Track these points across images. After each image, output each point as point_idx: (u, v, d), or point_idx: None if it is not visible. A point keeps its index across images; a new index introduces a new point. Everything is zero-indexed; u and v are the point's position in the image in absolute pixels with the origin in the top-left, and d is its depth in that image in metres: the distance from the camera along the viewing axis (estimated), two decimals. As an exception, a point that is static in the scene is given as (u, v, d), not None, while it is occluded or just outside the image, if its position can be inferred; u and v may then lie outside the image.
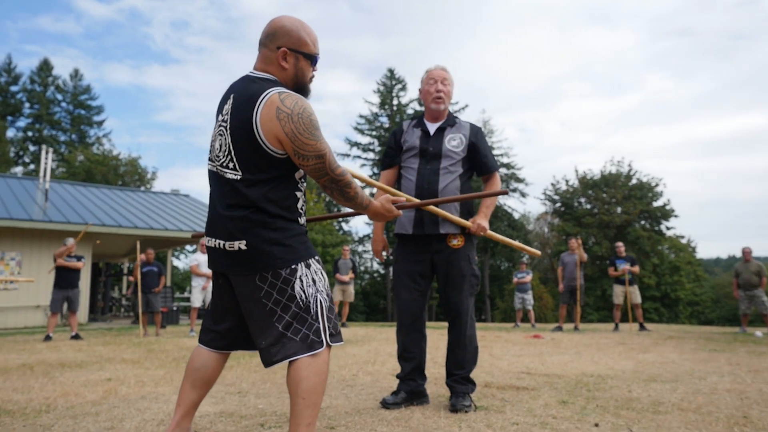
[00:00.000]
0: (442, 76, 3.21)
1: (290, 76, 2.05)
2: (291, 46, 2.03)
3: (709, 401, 3.09)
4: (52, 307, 8.67)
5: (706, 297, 36.47)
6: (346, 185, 2.02)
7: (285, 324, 1.93)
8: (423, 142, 3.20)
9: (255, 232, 1.94)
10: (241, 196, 1.95)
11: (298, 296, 1.94)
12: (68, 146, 39.77)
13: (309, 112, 1.94)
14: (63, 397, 3.43)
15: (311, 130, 1.92)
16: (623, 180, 33.91)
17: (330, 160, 1.96)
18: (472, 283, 3.12)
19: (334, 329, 2.01)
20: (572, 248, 10.51)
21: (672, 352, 5.85)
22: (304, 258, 1.98)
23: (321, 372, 1.93)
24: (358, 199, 2.08)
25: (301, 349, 1.91)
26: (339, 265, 11.29)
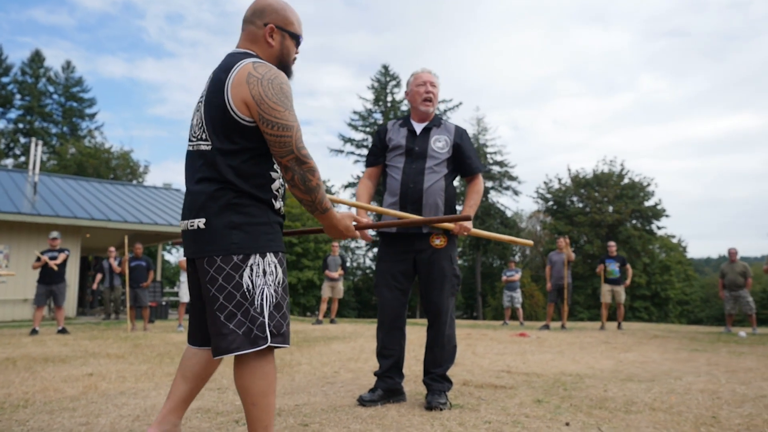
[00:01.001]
0: (431, 79, 3.27)
1: (275, 54, 2.04)
2: (278, 24, 2.02)
3: (681, 401, 3.13)
4: (37, 301, 8.65)
5: (696, 296, 36.77)
6: (310, 171, 1.88)
7: (228, 314, 1.83)
8: (409, 141, 3.24)
9: (217, 211, 1.86)
10: (210, 168, 1.89)
11: (245, 285, 1.83)
12: (60, 138, 39.49)
13: (281, 80, 1.89)
14: (42, 392, 3.44)
15: (280, 97, 1.85)
16: (615, 179, 34.10)
17: (298, 136, 1.86)
18: (453, 283, 3.17)
19: (277, 329, 1.86)
20: (560, 247, 10.58)
21: (654, 351, 5.91)
22: (261, 249, 1.87)
23: (268, 375, 1.85)
24: (319, 196, 1.92)
25: (244, 343, 1.81)
26: (328, 261, 11.30)
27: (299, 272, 28.26)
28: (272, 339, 1.84)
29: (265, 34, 2.01)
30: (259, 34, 2.02)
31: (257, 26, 2.02)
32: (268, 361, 1.86)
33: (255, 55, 1.98)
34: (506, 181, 37.60)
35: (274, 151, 1.87)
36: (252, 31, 2.03)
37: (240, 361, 1.84)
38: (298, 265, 28.44)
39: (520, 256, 40.63)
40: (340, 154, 37.29)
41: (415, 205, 3.12)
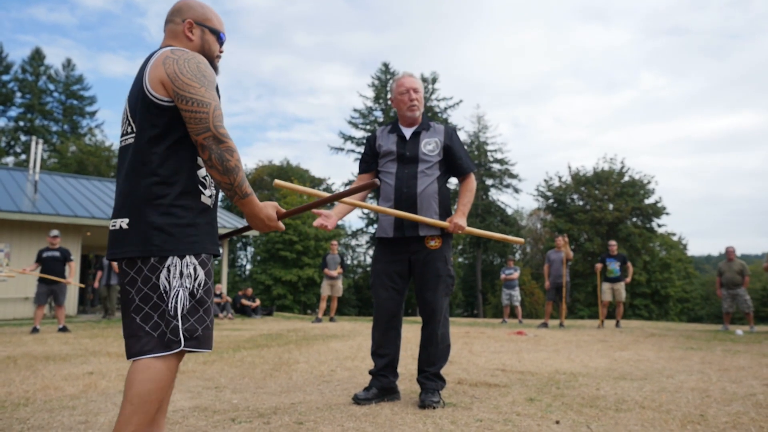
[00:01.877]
0: (413, 85, 3.30)
1: (196, 48, 2.06)
2: (196, 19, 2.07)
3: (671, 399, 3.18)
4: (37, 299, 8.70)
5: (696, 294, 36.81)
6: (228, 150, 1.81)
7: (144, 316, 1.81)
8: (400, 147, 3.28)
9: (140, 209, 1.82)
10: (136, 161, 1.86)
11: (162, 287, 1.80)
12: (60, 137, 39.55)
13: (198, 60, 1.89)
14: (42, 390, 3.49)
15: (195, 73, 1.84)
16: (615, 177, 34.12)
17: (215, 114, 1.81)
18: (448, 283, 3.22)
19: (190, 332, 1.80)
20: (558, 246, 10.63)
21: (649, 350, 5.96)
22: (181, 252, 1.83)
23: (159, 379, 1.78)
24: (238, 179, 1.83)
25: (158, 346, 1.78)
26: (327, 260, 11.36)
27: (299, 270, 28.34)
28: (185, 343, 1.80)
29: (184, 29, 2.05)
30: (178, 30, 2.06)
31: (176, 23, 2.06)
32: (168, 367, 1.80)
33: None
34: (506, 179, 37.61)
35: (190, 128, 1.82)
36: (172, 29, 2.07)
37: (142, 364, 1.79)
38: (299, 263, 28.52)
39: (521, 254, 40.70)
40: (341, 152, 37.33)
41: (411, 209, 3.18)
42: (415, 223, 3.16)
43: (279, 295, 27.83)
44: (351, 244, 39.92)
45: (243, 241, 37.00)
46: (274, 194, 34.46)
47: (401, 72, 3.40)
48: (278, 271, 28.09)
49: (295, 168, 39.35)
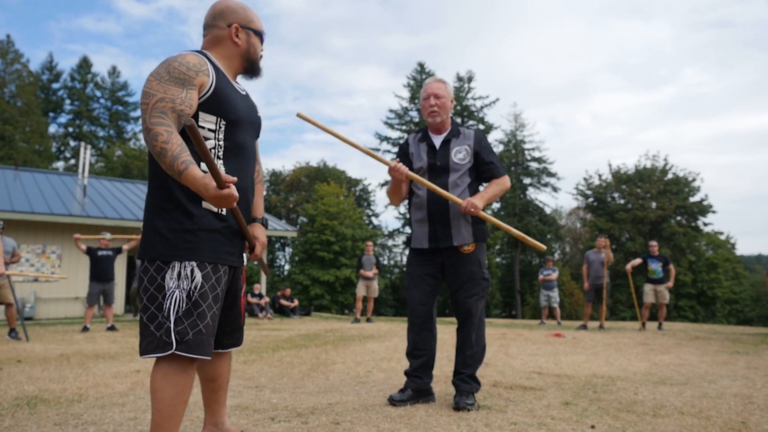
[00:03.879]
0: (435, 91, 3.28)
1: (243, 52, 2.07)
2: (242, 23, 2.06)
3: (712, 405, 3.12)
4: (89, 300, 9.07)
5: (746, 295, 35.45)
6: (153, 137, 1.75)
7: (149, 315, 1.84)
8: (430, 156, 3.30)
9: (149, 213, 1.90)
10: (149, 165, 1.94)
11: (166, 287, 1.83)
12: (106, 141, 41.02)
13: (178, 60, 1.86)
14: (94, 387, 3.67)
15: (160, 71, 1.83)
16: (659, 174, 33.21)
17: (156, 105, 1.77)
18: (482, 285, 3.23)
19: (180, 336, 1.79)
20: (599, 246, 10.45)
21: (692, 353, 5.82)
22: (180, 257, 1.85)
23: (177, 384, 1.81)
24: (167, 160, 1.74)
25: (157, 347, 1.81)
26: (363, 261, 11.45)
27: (337, 270, 28.60)
28: (176, 346, 1.79)
29: (230, 34, 2.04)
30: (223, 35, 2.04)
31: (220, 28, 2.05)
32: (182, 370, 1.82)
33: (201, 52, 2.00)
34: (544, 177, 37.06)
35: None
36: (216, 34, 2.05)
37: (156, 363, 1.84)
38: (336, 263, 28.78)
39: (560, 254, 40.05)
40: (377, 152, 37.41)
41: (443, 221, 3.19)
42: (449, 233, 3.18)
43: (317, 295, 28.16)
44: (387, 244, 40.03)
45: (281, 241, 37.54)
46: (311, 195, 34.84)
47: (430, 78, 3.42)
48: (316, 272, 28.42)
49: (331, 169, 39.70)
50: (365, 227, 32.37)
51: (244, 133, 2.07)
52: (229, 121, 1.98)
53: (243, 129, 2.06)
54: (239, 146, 2.04)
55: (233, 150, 2.01)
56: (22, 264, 12.19)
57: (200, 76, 1.89)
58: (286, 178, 41.10)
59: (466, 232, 3.18)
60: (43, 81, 40.86)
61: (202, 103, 1.91)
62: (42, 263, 12.91)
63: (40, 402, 3.21)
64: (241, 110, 2.05)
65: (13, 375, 4.21)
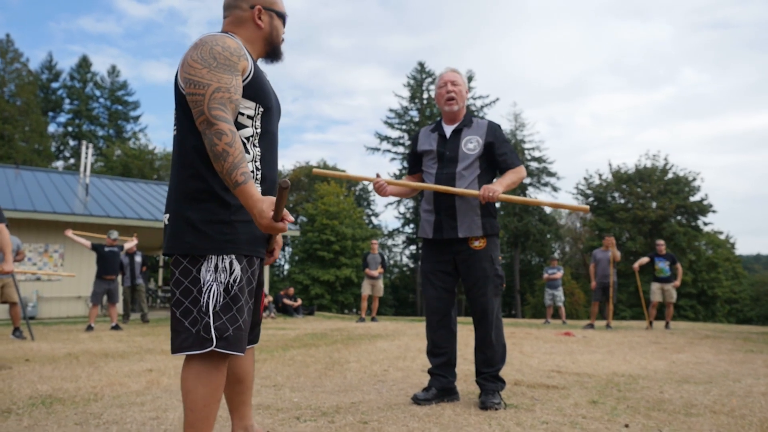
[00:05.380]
0: (451, 78, 3.24)
1: (265, 35, 1.98)
2: (265, 5, 1.97)
3: (742, 404, 3.07)
4: (93, 299, 8.99)
5: (745, 294, 35.47)
6: (217, 134, 1.65)
7: (183, 310, 1.74)
8: (440, 145, 3.24)
9: (179, 205, 1.78)
10: (178, 155, 1.82)
11: (202, 280, 1.73)
12: (106, 141, 40.91)
13: (216, 43, 1.76)
14: (109, 386, 3.60)
15: (203, 55, 1.73)
16: (659, 174, 33.22)
17: (213, 96, 1.68)
18: (496, 283, 3.16)
19: (220, 332, 1.70)
20: (606, 245, 10.40)
21: (707, 352, 5.77)
22: (216, 251, 1.75)
23: (211, 382, 1.73)
24: (227, 165, 1.63)
25: (194, 344, 1.71)
26: (368, 260, 11.39)
27: (337, 270, 28.56)
28: (216, 343, 1.70)
29: (253, 16, 1.94)
30: (245, 16, 1.95)
31: (243, 9, 1.95)
32: (216, 368, 1.74)
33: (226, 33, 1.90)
34: (545, 177, 37.06)
35: (194, 114, 1.72)
36: (238, 15, 1.96)
37: (187, 361, 1.75)
38: (336, 262, 28.74)
39: (559, 254, 40.01)
40: (377, 152, 37.43)
41: (449, 211, 3.13)
42: (454, 224, 3.11)
43: (317, 295, 28.11)
44: (387, 243, 39.99)
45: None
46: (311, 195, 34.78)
47: (444, 68, 3.35)
48: (316, 271, 28.37)
49: (331, 168, 39.65)
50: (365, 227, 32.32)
51: (275, 121, 2.01)
52: (266, 108, 1.92)
53: (274, 116, 2.00)
54: (271, 134, 1.97)
55: (266, 137, 1.94)
56: (25, 263, 12.09)
57: (242, 60, 1.81)
58: (287, 177, 41.06)
59: (474, 224, 3.10)
60: (42, 80, 40.74)
61: (243, 89, 1.83)
62: (44, 262, 12.81)
63: (56, 401, 3.14)
64: (273, 97, 1.99)
65: (24, 374, 4.13)
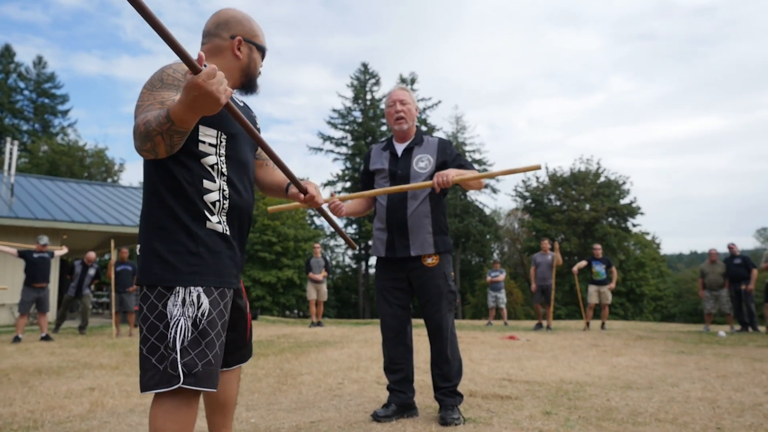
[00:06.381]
0: (400, 97, 3.23)
1: (243, 66, 1.96)
2: (246, 36, 1.95)
3: (683, 411, 3.24)
4: (21, 308, 8.46)
5: (669, 292, 37.58)
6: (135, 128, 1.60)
7: (150, 347, 1.67)
8: (392, 164, 3.24)
9: (147, 236, 1.75)
10: (146, 183, 1.81)
11: (169, 315, 1.67)
12: (31, 136, 38.55)
13: (175, 67, 1.78)
14: (48, 410, 3.39)
15: (153, 81, 1.74)
16: (592, 178, 34.62)
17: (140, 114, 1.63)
18: (450, 299, 3.18)
19: (188, 368, 1.64)
20: (545, 249, 10.76)
21: (643, 354, 6.06)
22: (184, 283, 1.70)
23: (182, 419, 1.65)
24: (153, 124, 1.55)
25: (161, 381, 1.64)
26: (311, 263, 11.29)
27: (279, 271, 28.15)
28: (184, 380, 1.63)
29: (232, 46, 1.93)
30: (225, 45, 1.93)
31: (223, 38, 1.93)
32: (187, 404, 1.67)
33: None
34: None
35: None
36: (217, 44, 1.93)
37: (157, 398, 1.68)
38: (278, 264, 28.33)
39: (498, 254, 41.03)
40: (319, 152, 37.19)
41: (402, 231, 3.14)
42: (406, 243, 3.12)
43: (258, 297, 27.60)
44: (330, 244, 39.79)
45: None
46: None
47: (393, 85, 3.34)
48: (257, 273, 27.85)
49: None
50: (308, 227, 32.03)
51: (244, 147, 1.94)
52: (230, 135, 1.86)
53: (243, 142, 1.94)
54: (241, 161, 1.92)
55: (235, 164, 1.89)
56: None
57: None
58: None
59: (426, 243, 3.13)
60: (-42, 69, 37.99)
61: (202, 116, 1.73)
62: (-36, 268, 11.96)
63: (-10, 430, 2.93)
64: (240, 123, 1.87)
65: (-51, 397, 3.84)
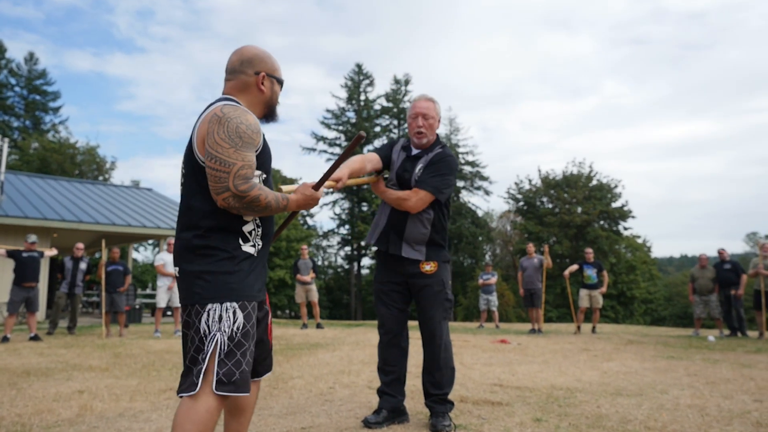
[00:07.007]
0: (424, 110, 3.21)
1: (266, 99, 2.13)
2: (269, 72, 2.13)
3: (673, 418, 3.26)
4: (10, 308, 8.40)
5: (660, 295, 37.80)
6: (255, 201, 1.88)
7: (191, 358, 1.89)
8: (401, 167, 3.25)
9: (186, 258, 1.93)
10: (186, 213, 1.96)
11: (203, 331, 1.88)
12: (22, 133, 38.23)
13: (241, 121, 1.90)
14: (37, 414, 3.36)
15: (231, 135, 1.87)
16: (584, 181, 34.77)
17: (238, 173, 1.84)
18: (445, 307, 3.19)
19: (227, 377, 1.84)
20: (530, 252, 10.83)
21: (633, 359, 6.09)
22: (221, 299, 1.89)
23: (199, 421, 1.80)
24: (273, 207, 1.94)
25: (190, 387, 1.84)
26: (299, 265, 11.29)
27: (270, 271, 28.09)
28: (219, 387, 1.83)
29: (257, 82, 2.10)
30: (250, 82, 2.09)
31: (248, 75, 2.09)
32: (207, 410, 1.82)
33: (233, 100, 2.03)
34: (477, 181, 37.98)
35: (211, 186, 1.87)
36: (243, 80, 2.09)
37: (187, 400, 1.84)
38: (269, 264, 28.28)
39: (490, 256, 41.10)
40: (313, 152, 37.14)
41: (398, 230, 3.16)
42: (400, 246, 3.13)
43: (250, 297, 27.52)
44: (322, 245, 39.75)
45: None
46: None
47: (419, 94, 3.33)
48: (250, 273, 27.77)
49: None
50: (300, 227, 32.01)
51: (270, 180, 2.13)
52: (267, 173, 2.08)
53: (270, 177, 2.13)
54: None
55: None
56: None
57: (259, 136, 1.97)
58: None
59: (419, 251, 3.14)
60: (-52, 65, 37.62)
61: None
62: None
63: (-23, 434, 2.91)
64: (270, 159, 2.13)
65: (-64, 400, 3.79)
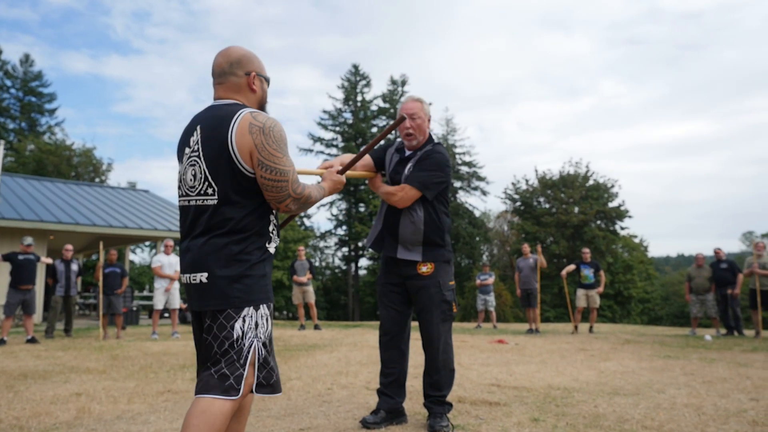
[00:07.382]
0: (410, 111, 3.19)
1: (258, 98, 2.17)
2: (258, 71, 2.15)
3: (669, 418, 3.27)
4: (6, 310, 8.37)
5: (657, 295, 37.87)
6: (308, 199, 2.08)
7: (214, 360, 1.91)
8: (393, 170, 3.26)
9: (220, 264, 1.93)
10: (216, 222, 1.95)
11: (236, 335, 1.90)
12: (17, 134, 38.13)
13: (280, 128, 2.01)
14: (34, 417, 3.36)
15: (279, 143, 1.98)
16: (581, 180, 34.82)
17: (293, 178, 2.00)
18: (443, 309, 3.16)
19: (266, 380, 1.96)
20: (525, 253, 10.85)
21: (630, 359, 6.11)
22: (256, 302, 1.96)
23: (213, 423, 1.82)
24: (318, 199, 2.17)
25: (215, 389, 1.86)
26: (296, 266, 11.29)
27: (269, 273, 28.02)
28: (259, 389, 1.95)
29: (249, 82, 2.13)
30: (241, 83, 2.12)
31: (238, 76, 2.11)
32: (222, 412, 1.85)
33: (243, 104, 2.08)
34: (474, 181, 38.01)
35: (269, 196, 1.98)
36: (235, 82, 2.11)
37: (200, 400, 1.85)
38: (268, 265, 28.20)
39: (488, 256, 41.13)
40: (310, 153, 37.15)
41: (392, 231, 3.17)
42: (395, 247, 3.14)
43: (248, 299, 27.44)
44: (320, 245, 39.72)
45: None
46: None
47: (407, 96, 3.33)
48: (247, 274, 27.69)
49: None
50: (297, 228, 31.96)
51: None
52: None
53: None
54: None
55: None
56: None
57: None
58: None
59: (415, 251, 3.13)
60: (-57, 67, 37.47)
61: None
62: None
63: (-25, 437, 2.90)
64: None
65: (-68, 403, 3.78)
